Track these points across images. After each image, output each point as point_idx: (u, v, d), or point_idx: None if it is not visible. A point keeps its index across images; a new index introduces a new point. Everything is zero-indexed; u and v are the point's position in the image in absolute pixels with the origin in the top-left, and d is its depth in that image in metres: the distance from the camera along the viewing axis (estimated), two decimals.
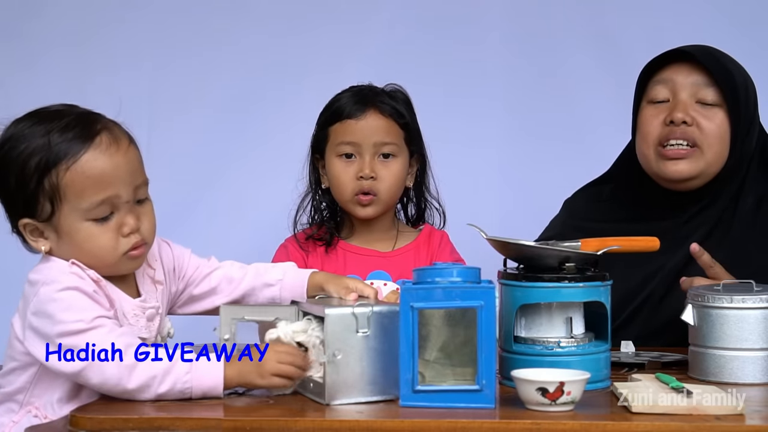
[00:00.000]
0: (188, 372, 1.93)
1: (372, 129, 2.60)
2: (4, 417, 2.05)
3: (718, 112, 2.52)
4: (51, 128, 2.00)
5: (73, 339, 1.94)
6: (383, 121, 2.61)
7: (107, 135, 2.01)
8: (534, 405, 1.86)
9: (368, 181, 2.59)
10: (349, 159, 2.61)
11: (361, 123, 2.60)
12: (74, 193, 1.98)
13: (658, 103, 2.55)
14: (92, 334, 1.94)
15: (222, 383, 1.94)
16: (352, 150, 2.61)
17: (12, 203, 2.02)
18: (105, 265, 2.02)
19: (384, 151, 2.61)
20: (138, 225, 2.03)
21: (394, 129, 2.62)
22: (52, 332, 1.94)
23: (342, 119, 2.61)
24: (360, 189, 2.60)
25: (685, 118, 2.50)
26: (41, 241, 2.02)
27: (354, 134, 2.60)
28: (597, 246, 2.15)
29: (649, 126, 2.55)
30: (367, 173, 2.59)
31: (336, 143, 2.62)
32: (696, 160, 2.52)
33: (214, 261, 2.23)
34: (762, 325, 2.10)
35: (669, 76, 2.54)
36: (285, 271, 2.22)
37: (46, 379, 2.02)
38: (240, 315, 2.05)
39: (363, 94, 2.63)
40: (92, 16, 3.36)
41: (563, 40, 3.39)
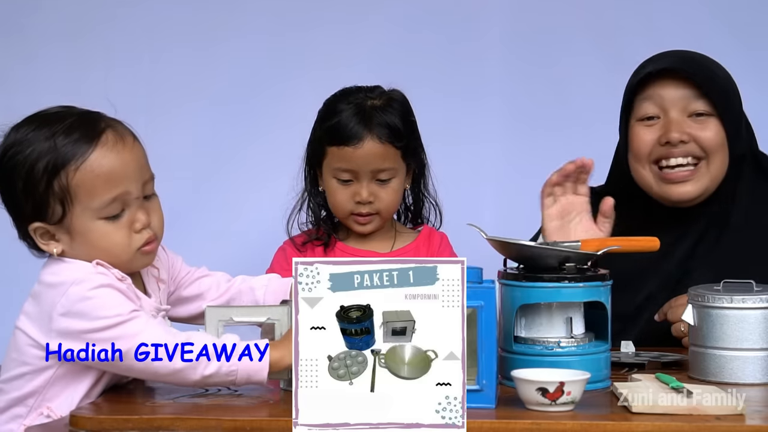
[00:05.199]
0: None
1: (369, 157, 2.57)
2: (12, 424, 2.03)
3: (712, 120, 2.48)
4: (54, 131, 2.00)
5: (111, 332, 1.93)
6: (380, 149, 2.58)
7: (112, 133, 2.02)
8: (534, 405, 1.86)
9: (366, 205, 2.59)
10: (346, 183, 2.60)
11: (358, 152, 2.57)
12: (85, 192, 1.98)
13: (648, 119, 2.50)
14: (132, 324, 1.94)
15: (267, 367, 1.94)
16: (349, 176, 2.60)
17: (20, 209, 2.02)
18: (120, 262, 2.03)
19: (381, 177, 2.60)
20: (149, 220, 2.04)
21: (391, 153, 2.59)
22: (89, 329, 1.94)
23: (339, 144, 2.58)
24: (358, 211, 2.60)
25: (681, 138, 2.46)
26: (53, 243, 2.02)
27: (350, 162, 2.58)
28: (597, 246, 2.15)
29: (642, 145, 2.50)
30: (364, 198, 2.58)
31: (332, 166, 2.60)
32: (701, 178, 2.49)
33: (205, 269, 2.25)
34: (762, 325, 2.10)
35: (656, 92, 2.49)
36: (270, 278, 2.25)
37: (65, 379, 2.01)
38: (227, 316, 2.04)
39: (362, 113, 2.58)
40: (90, 11, 3.35)
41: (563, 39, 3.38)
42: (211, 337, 1.97)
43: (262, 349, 1.94)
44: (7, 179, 2.01)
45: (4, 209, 2.06)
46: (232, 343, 1.95)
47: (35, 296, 2.02)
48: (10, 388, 2.04)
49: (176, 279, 2.20)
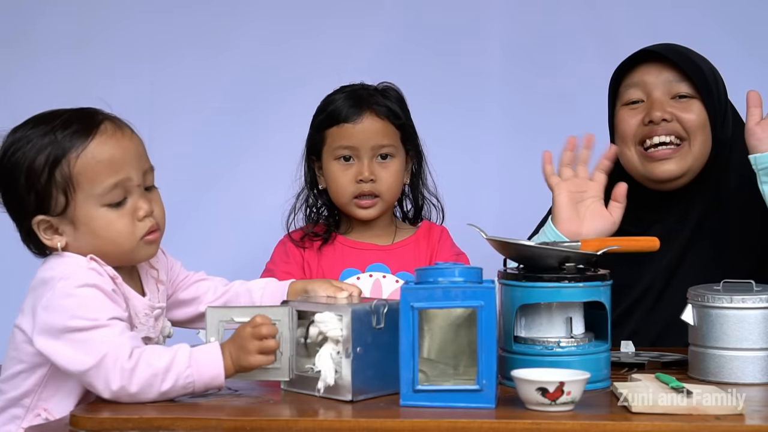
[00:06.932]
0: (189, 366, 1.93)
1: (369, 132, 2.60)
2: (10, 425, 2.04)
3: (695, 102, 2.54)
4: (53, 126, 2.02)
5: (84, 335, 1.93)
6: (380, 124, 2.61)
7: (110, 123, 2.05)
8: (534, 405, 1.86)
9: (368, 184, 2.60)
10: (348, 162, 2.61)
11: (358, 127, 2.60)
12: (87, 179, 1.99)
13: (633, 103, 2.56)
14: (105, 331, 1.93)
15: (223, 372, 1.94)
16: (350, 153, 2.61)
17: (22, 205, 2.02)
18: (123, 251, 2.03)
19: (382, 152, 2.61)
20: (151, 209, 2.05)
21: (390, 130, 2.62)
22: (64, 327, 1.94)
23: (339, 123, 2.61)
24: (360, 192, 2.60)
25: (664, 116, 2.52)
26: (56, 237, 2.03)
27: (351, 138, 2.60)
28: (597, 246, 2.15)
29: (627, 127, 2.56)
30: (366, 176, 2.59)
31: (333, 147, 2.62)
32: (683, 157, 2.53)
33: (203, 273, 2.26)
34: (762, 325, 2.10)
35: (640, 78, 2.56)
36: (267, 281, 2.26)
37: (57, 380, 2.01)
38: (228, 317, 2.03)
39: (358, 95, 2.63)
40: (93, 19, 3.36)
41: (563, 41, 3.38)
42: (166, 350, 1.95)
43: (213, 352, 1.95)
44: (9, 177, 2.02)
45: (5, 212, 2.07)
46: (185, 354, 1.94)
47: (30, 292, 2.02)
48: (8, 387, 2.05)
49: (174, 282, 2.21)
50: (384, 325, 1.97)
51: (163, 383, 1.92)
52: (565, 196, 2.46)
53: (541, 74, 3.39)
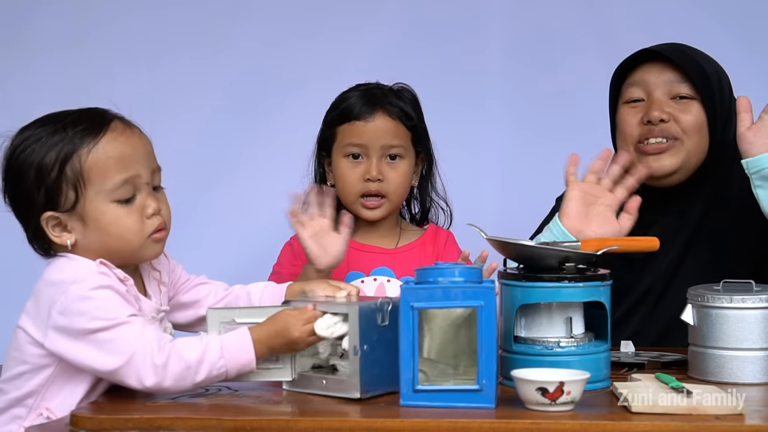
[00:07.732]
0: (221, 357, 1.95)
1: (380, 131, 2.60)
2: (12, 425, 2.04)
3: (694, 104, 2.54)
4: (63, 124, 2.03)
5: (107, 334, 1.94)
6: (391, 124, 2.61)
7: (120, 122, 2.07)
8: (534, 405, 1.86)
9: (375, 183, 2.59)
10: (356, 159, 2.61)
11: (369, 125, 2.60)
12: (98, 174, 2.00)
13: (634, 102, 2.58)
14: (127, 328, 1.94)
15: (254, 358, 1.96)
16: (359, 151, 2.60)
17: (31, 202, 2.02)
18: (131, 248, 2.04)
19: (391, 152, 2.61)
20: (159, 207, 2.06)
21: (401, 131, 2.62)
22: (85, 329, 1.94)
23: (350, 120, 2.61)
24: (366, 190, 2.60)
25: (661, 116, 2.52)
26: (65, 235, 2.03)
27: (362, 136, 2.60)
28: (597, 246, 2.15)
29: (627, 126, 2.57)
30: (374, 175, 2.59)
31: (343, 143, 2.62)
32: (677, 152, 2.54)
33: (204, 277, 2.26)
34: (762, 325, 2.10)
35: (642, 77, 2.57)
36: (266, 283, 2.27)
37: (61, 380, 2.01)
38: (229, 318, 2.04)
39: (371, 94, 2.63)
40: (89, 18, 3.36)
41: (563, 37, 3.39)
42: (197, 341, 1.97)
43: (244, 338, 1.97)
44: (18, 175, 2.03)
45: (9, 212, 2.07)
46: (216, 344, 1.96)
47: (36, 293, 2.02)
48: (10, 387, 2.05)
49: (176, 284, 2.21)
50: (388, 323, 1.97)
51: (197, 375, 1.94)
52: (577, 192, 2.46)
53: (542, 70, 3.39)
